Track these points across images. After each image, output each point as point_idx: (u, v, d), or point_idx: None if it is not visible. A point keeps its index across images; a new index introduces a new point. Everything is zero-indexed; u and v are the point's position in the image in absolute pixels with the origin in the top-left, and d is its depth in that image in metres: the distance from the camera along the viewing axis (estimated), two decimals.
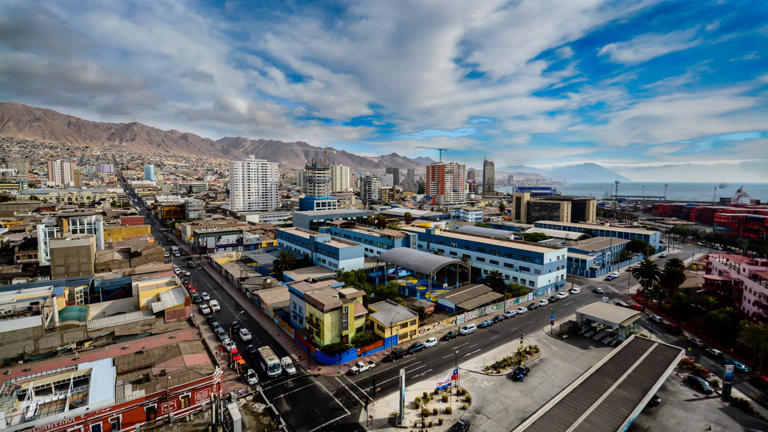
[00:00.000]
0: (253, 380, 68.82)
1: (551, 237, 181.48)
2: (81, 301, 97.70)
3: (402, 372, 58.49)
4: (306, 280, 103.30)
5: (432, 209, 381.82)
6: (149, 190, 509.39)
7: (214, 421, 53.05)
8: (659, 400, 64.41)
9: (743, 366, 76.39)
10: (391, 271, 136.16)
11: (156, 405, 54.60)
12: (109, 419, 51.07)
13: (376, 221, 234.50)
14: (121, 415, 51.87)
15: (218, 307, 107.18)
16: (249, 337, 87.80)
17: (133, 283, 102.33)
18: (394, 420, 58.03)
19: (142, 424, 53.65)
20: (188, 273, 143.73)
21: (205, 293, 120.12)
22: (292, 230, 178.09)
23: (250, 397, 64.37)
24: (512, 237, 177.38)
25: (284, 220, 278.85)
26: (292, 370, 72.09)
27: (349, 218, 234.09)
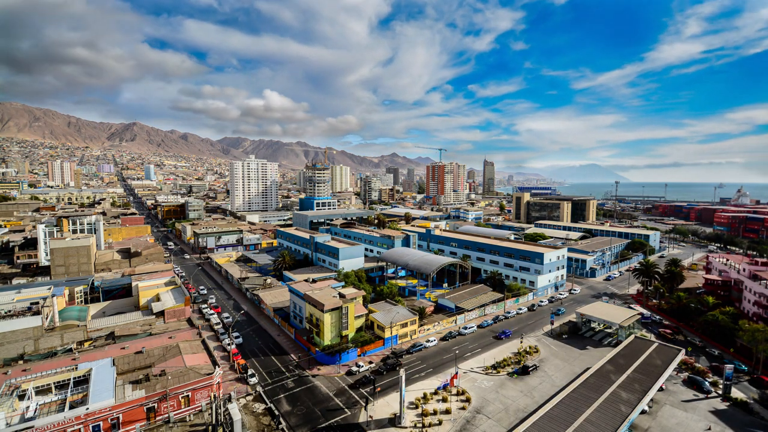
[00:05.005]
0: (253, 380, 68.86)
1: (551, 237, 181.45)
2: (81, 301, 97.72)
3: (402, 372, 58.53)
4: (306, 280, 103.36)
5: (432, 209, 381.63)
6: (149, 190, 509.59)
7: (214, 421, 53.10)
8: (651, 403, 64.39)
9: (743, 366, 76.48)
10: (391, 271, 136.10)
11: (156, 405, 54.60)
12: (109, 419, 51.08)
13: (376, 221, 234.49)
14: (121, 415, 51.89)
15: (219, 324, 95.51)
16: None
17: (133, 283, 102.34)
18: (394, 420, 58.07)
19: (142, 424, 53.65)
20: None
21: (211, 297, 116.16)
22: (292, 230, 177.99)
23: (250, 397, 64.36)
24: (512, 237, 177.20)
25: (284, 220, 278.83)
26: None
27: (349, 218, 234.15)
